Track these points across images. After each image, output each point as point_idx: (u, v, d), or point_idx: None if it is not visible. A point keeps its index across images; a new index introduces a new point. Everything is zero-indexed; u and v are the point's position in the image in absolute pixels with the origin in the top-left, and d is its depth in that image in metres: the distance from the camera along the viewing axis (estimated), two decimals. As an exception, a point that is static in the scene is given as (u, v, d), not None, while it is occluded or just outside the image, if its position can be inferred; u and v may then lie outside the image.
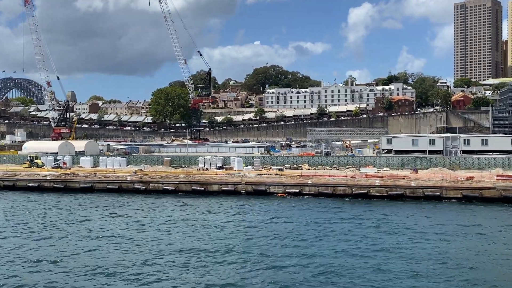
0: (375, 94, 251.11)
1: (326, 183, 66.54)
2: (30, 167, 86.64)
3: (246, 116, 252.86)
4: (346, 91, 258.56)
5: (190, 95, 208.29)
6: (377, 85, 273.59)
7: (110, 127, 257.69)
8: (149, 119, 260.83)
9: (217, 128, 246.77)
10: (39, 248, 40.99)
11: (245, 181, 69.00)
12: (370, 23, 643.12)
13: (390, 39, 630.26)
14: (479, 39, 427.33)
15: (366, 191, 64.08)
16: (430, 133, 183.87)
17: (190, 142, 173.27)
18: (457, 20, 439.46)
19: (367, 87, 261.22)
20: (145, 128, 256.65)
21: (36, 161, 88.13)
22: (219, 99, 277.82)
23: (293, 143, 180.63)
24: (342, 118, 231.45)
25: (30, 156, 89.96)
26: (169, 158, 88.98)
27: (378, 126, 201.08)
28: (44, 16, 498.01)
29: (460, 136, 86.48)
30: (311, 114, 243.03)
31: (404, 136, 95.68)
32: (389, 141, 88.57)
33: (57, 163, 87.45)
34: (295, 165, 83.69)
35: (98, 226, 49.83)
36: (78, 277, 33.54)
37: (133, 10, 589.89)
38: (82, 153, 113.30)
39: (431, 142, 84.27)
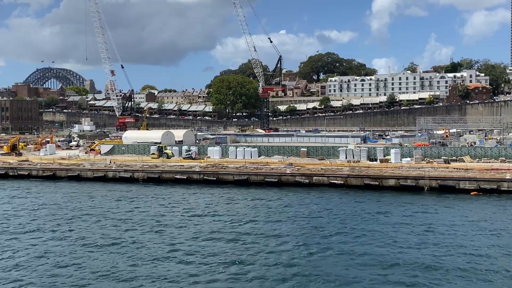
0: (446, 82, 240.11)
1: (531, 178, 58.55)
2: (158, 158, 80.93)
3: (310, 105, 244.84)
4: (414, 78, 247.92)
5: (260, 84, 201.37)
6: (436, 72, 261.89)
7: (171, 116, 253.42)
8: (209, 108, 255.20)
9: (281, 117, 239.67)
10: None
11: (428, 176, 61.48)
12: (395, 11, 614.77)
13: (415, 26, 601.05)
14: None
15: None
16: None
17: (262, 132, 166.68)
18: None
19: (437, 74, 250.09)
20: (206, 117, 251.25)
21: (166, 151, 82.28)
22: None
23: (367, 132, 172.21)
24: (415, 106, 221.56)
25: (159, 146, 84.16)
26: (305, 149, 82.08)
27: (456, 115, 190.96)
28: (69, 7, 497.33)
29: None
30: (380, 102, 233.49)
31: None
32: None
33: (189, 154, 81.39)
34: (454, 157, 75.77)
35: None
36: None
37: (155, 1, 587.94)
38: (180, 142, 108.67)
39: None
